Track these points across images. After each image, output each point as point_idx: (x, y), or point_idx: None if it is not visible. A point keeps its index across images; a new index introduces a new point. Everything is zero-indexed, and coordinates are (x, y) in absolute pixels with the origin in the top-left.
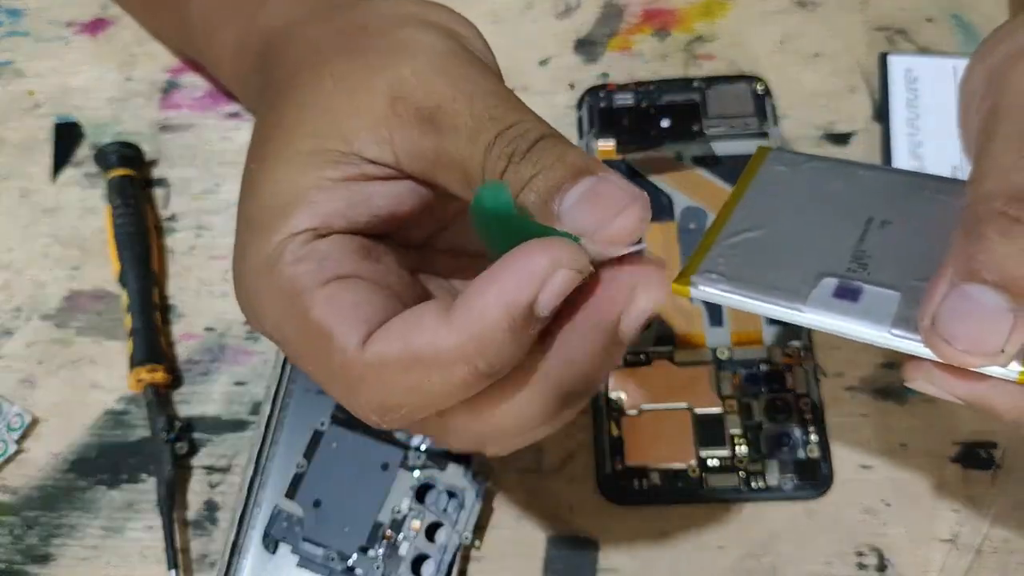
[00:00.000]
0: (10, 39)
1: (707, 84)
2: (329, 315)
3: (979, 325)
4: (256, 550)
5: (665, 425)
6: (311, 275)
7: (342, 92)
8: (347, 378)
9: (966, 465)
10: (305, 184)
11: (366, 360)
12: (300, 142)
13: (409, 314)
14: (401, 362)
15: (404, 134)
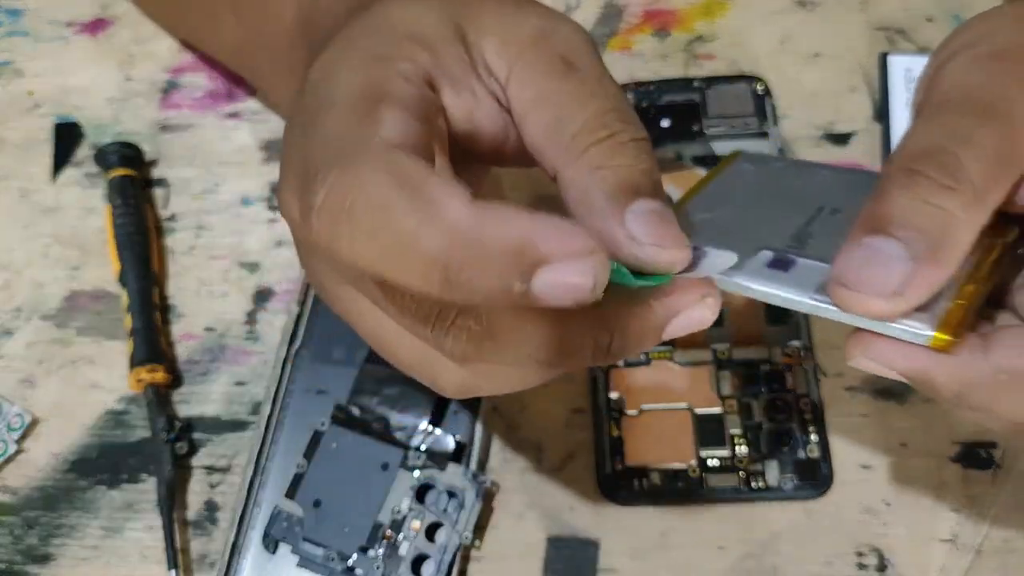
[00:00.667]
0: (10, 39)
1: (707, 84)
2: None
3: (877, 270)
4: (256, 550)
5: (665, 425)
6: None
7: (493, 2)
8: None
9: (966, 465)
10: (440, 35)
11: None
12: (441, 5)
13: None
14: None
15: (529, 65)
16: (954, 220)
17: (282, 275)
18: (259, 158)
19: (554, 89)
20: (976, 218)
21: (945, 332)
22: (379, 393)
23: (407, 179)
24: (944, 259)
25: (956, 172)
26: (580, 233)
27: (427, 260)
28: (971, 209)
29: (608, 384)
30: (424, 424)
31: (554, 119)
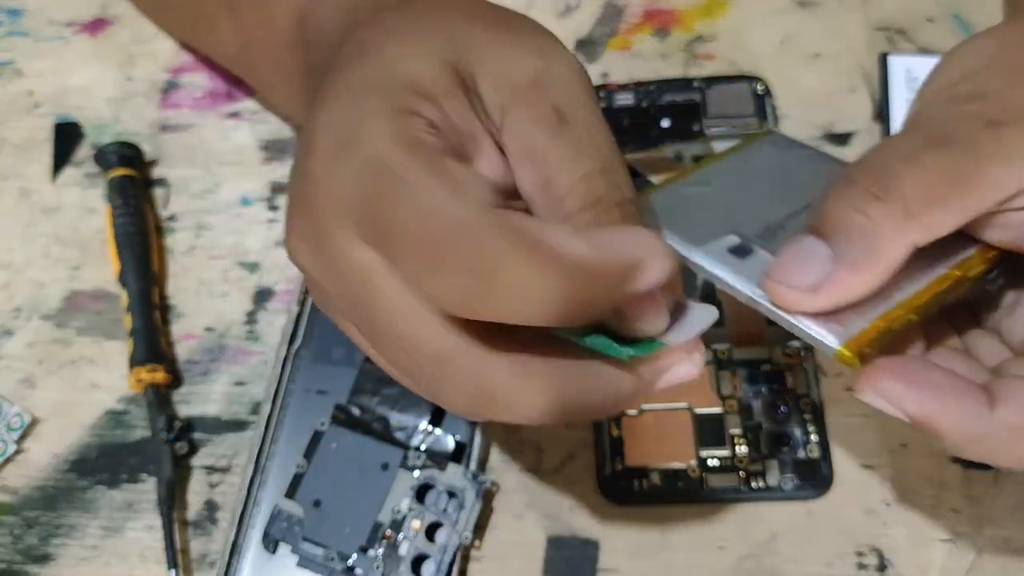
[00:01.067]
0: (10, 39)
1: (707, 84)
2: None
3: (800, 265)
4: (256, 550)
5: (665, 425)
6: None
7: (487, 41)
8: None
9: (966, 465)
10: (437, 81)
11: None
12: (437, 46)
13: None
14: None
15: (522, 114)
16: (878, 230)
17: (282, 275)
18: (259, 158)
19: (544, 145)
20: (904, 234)
21: (850, 349)
22: (379, 393)
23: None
24: (863, 266)
25: (889, 185)
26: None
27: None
28: (899, 224)
29: None
30: (424, 424)
31: (543, 177)
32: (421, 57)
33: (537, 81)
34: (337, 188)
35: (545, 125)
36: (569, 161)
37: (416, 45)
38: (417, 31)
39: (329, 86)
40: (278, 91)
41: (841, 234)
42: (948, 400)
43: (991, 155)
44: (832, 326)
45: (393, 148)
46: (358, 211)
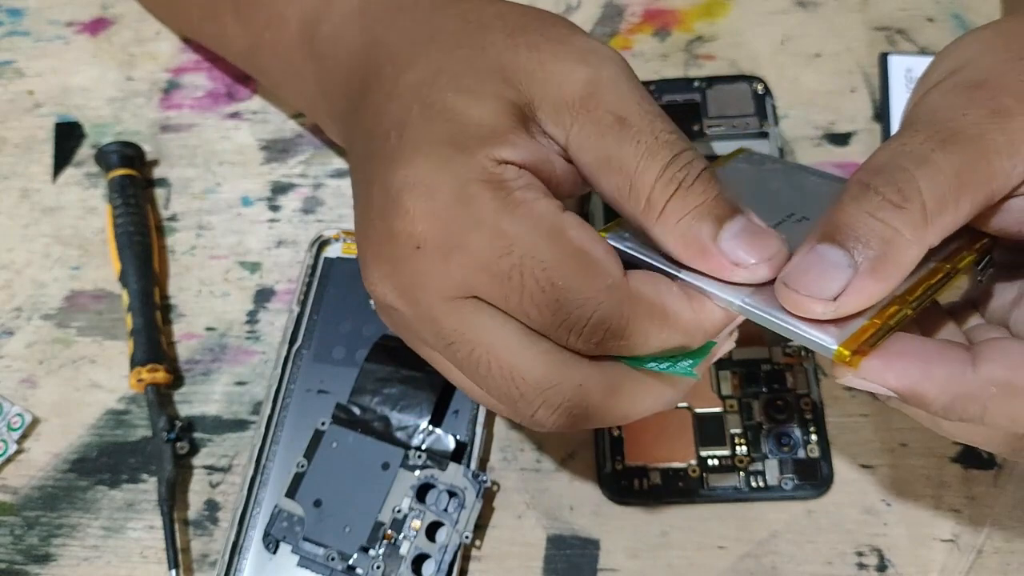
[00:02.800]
0: (10, 39)
1: (707, 84)
2: (588, 240)
3: (819, 274)
4: (256, 550)
5: (665, 425)
6: (546, 201)
7: (536, 62)
8: (612, 299)
9: (966, 465)
10: (504, 124)
11: (631, 289)
12: (493, 87)
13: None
14: (654, 308)
15: (585, 129)
16: (898, 238)
17: (282, 275)
18: (260, 158)
19: (614, 154)
20: (923, 238)
21: (848, 348)
22: (379, 393)
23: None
24: (884, 274)
25: (907, 191)
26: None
27: None
28: (918, 229)
29: None
30: (424, 424)
31: (624, 183)
32: (483, 104)
33: (591, 93)
34: (458, 261)
35: (610, 133)
36: (643, 162)
37: (475, 94)
38: (471, 77)
39: (402, 140)
40: (288, 89)
41: (860, 242)
42: (930, 363)
43: (999, 148)
44: (828, 327)
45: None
46: (479, 282)
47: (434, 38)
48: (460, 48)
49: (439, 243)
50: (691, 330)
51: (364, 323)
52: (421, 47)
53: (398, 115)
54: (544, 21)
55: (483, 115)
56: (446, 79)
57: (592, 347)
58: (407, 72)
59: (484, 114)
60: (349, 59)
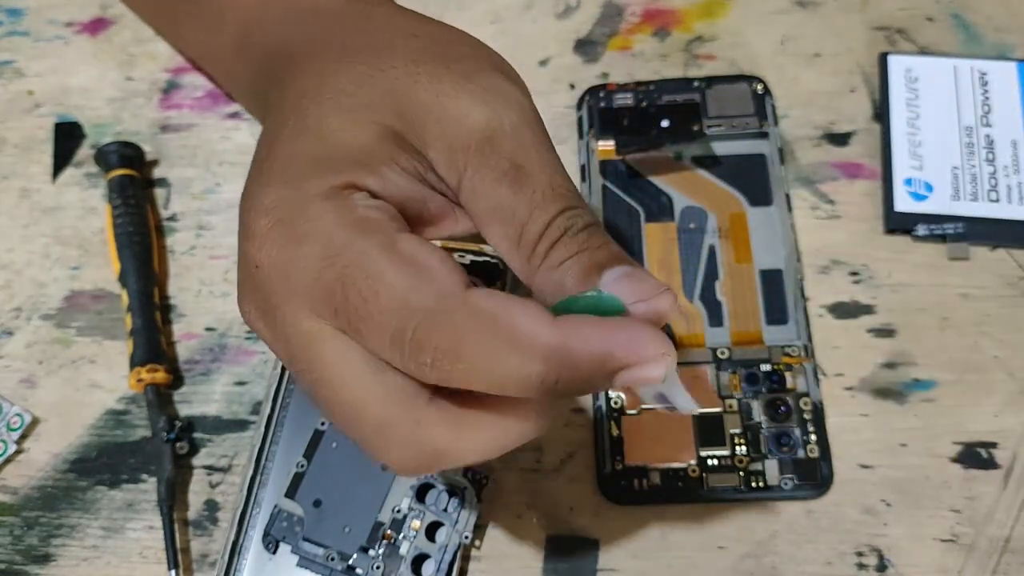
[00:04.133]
0: (10, 39)
1: (707, 84)
2: (421, 250)
3: None
4: (256, 550)
5: (665, 425)
6: (388, 221)
7: (433, 95)
8: (439, 310)
9: (966, 465)
10: (378, 154)
11: (466, 299)
12: (378, 113)
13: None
14: (498, 326)
15: (479, 174)
16: None
17: None
18: None
19: (507, 203)
20: None
21: None
22: None
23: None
24: None
25: None
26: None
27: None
28: None
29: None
30: None
31: (514, 233)
32: (360, 128)
33: (489, 138)
34: (291, 276)
35: (506, 182)
36: (538, 211)
37: (355, 116)
38: (357, 97)
39: (268, 158)
40: (230, 90)
41: None
42: None
43: None
44: None
45: (341, 233)
46: (312, 296)
47: (333, 47)
48: (357, 65)
49: (275, 261)
50: (550, 354)
51: None
52: (318, 57)
53: (273, 128)
54: (455, 49)
55: (357, 141)
56: (331, 95)
57: (427, 371)
58: (297, 81)
59: (359, 141)
60: (263, 60)
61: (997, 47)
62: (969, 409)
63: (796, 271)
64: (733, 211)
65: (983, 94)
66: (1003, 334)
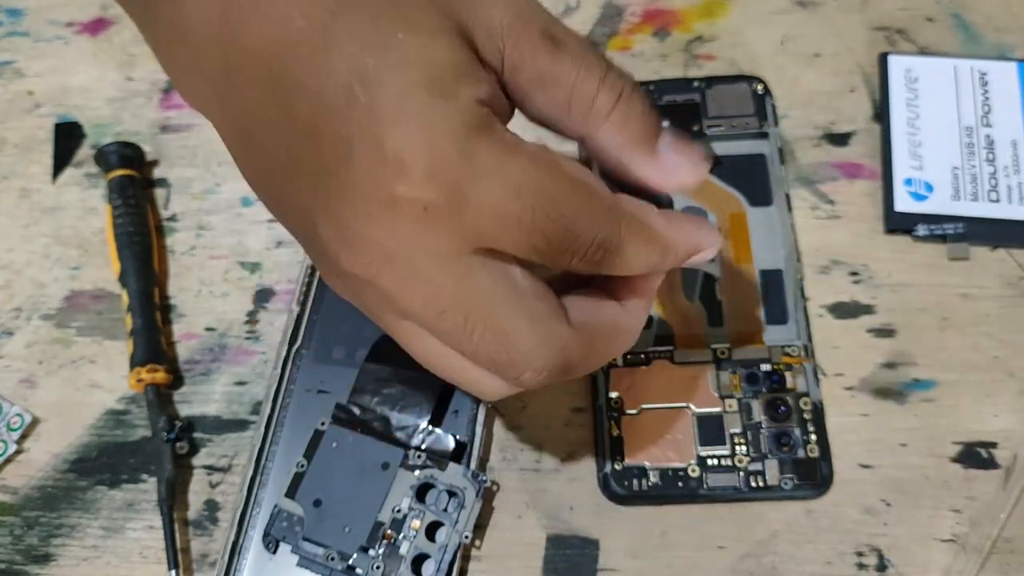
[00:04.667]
0: (10, 39)
1: (707, 84)
2: (581, 169)
3: None
4: (256, 550)
5: (665, 425)
6: (531, 141)
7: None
8: (612, 221)
9: (966, 465)
10: (466, 58)
11: (625, 212)
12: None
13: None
14: (643, 228)
15: (518, 49)
16: None
17: (282, 275)
18: None
19: (553, 67)
20: None
21: None
22: (379, 392)
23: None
24: None
25: None
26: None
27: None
28: None
29: (608, 384)
30: (424, 423)
31: (563, 96)
32: (440, 39)
33: (518, 14)
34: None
35: (544, 51)
36: (583, 71)
37: (424, 26)
38: (406, 5)
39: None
40: None
41: None
42: None
43: None
44: None
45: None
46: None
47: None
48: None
49: (449, 200)
50: (672, 246)
51: (364, 323)
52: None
53: (352, 66)
54: None
55: (445, 53)
56: (389, 17)
57: (591, 266)
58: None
59: (444, 52)
60: None
61: (997, 47)
62: (969, 409)
63: (796, 271)
64: (733, 211)
65: (983, 94)
66: (1003, 334)
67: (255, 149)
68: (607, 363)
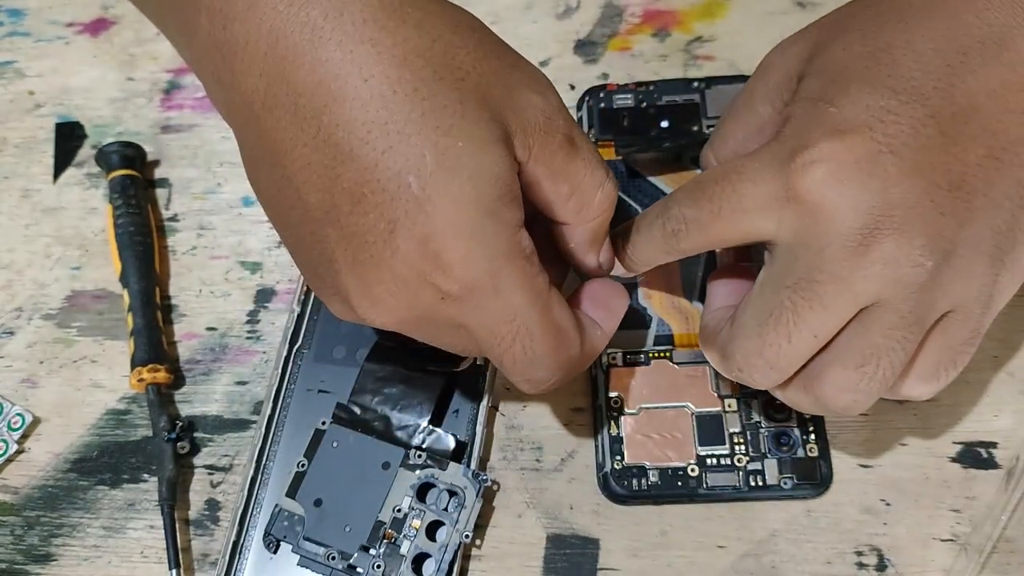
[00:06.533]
0: (11, 39)
1: (706, 84)
2: (566, 318)
3: None
4: (257, 549)
5: (665, 424)
6: (545, 277)
7: (505, 89)
8: (566, 368)
9: (966, 465)
10: (509, 171)
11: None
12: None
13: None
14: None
15: (545, 148)
16: None
17: (283, 275)
18: None
19: (567, 167)
20: None
21: None
22: (380, 392)
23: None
24: None
25: None
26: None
27: None
28: None
29: (608, 383)
30: (424, 423)
31: (570, 191)
32: (491, 149)
33: (549, 118)
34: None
35: (562, 151)
36: (589, 175)
37: (476, 134)
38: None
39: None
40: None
41: None
42: None
43: None
44: None
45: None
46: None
47: (406, 61)
48: (441, 80)
49: (463, 298)
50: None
51: None
52: (394, 68)
53: (410, 158)
54: (487, 37)
55: (494, 164)
56: (445, 119)
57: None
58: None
59: (495, 163)
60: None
61: None
62: (969, 409)
63: None
64: None
65: None
66: (1003, 334)
67: (279, 176)
68: None
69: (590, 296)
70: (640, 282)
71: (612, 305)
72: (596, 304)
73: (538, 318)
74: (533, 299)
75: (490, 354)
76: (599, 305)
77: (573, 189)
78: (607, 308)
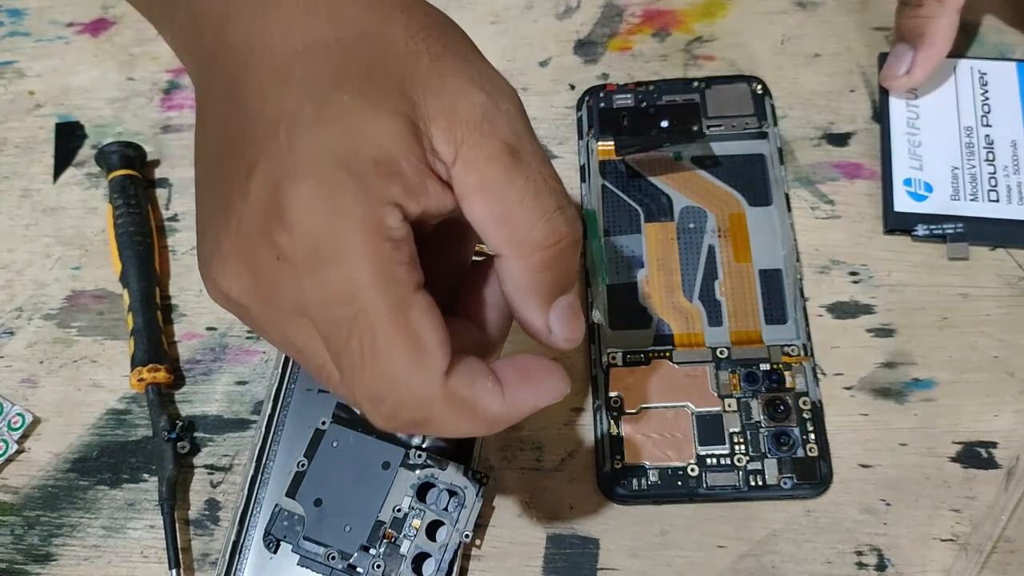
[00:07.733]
0: (11, 39)
1: (706, 84)
2: (428, 328)
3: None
4: (257, 549)
5: (665, 424)
6: (409, 271)
7: (436, 74)
8: (419, 393)
9: (966, 465)
10: (399, 147)
11: (446, 391)
12: (390, 98)
13: (479, 375)
14: (464, 408)
15: (476, 149)
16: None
17: None
18: None
19: (501, 182)
20: None
21: None
22: None
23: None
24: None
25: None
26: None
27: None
28: None
29: (608, 383)
30: None
31: (503, 212)
32: (382, 118)
33: (488, 119)
34: (300, 292)
35: (499, 162)
36: (529, 199)
37: (373, 99)
38: (369, 74)
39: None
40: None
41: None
42: None
43: None
44: None
45: (366, 278)
46: (314, 315)
47: (334, 21)
48: (361, 44)
49: (300, 263)
50: (496, 423)
51: None
52: (319, 28)
53: (288, 107)
54: (448, 29)
55: (379, 132)
56: (344, 77)
57: (385, 423)
58: (303, 58)
59: (380, 131)
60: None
61: (997, 47)
62: (969, 409)
63: (795, 271)
64: (732, 211)
65: (983, 94)
66: (1003, 334)
67: (198, 135)
68: None
69: (514, 364)
70: (640, 281)
71: (539, 382)
72: (519, 374)
73: (386, 311)
74: (381, 284)
75: (333, 358)
76: (522, 377)
77: (506, 211)
78: (531, 383)
